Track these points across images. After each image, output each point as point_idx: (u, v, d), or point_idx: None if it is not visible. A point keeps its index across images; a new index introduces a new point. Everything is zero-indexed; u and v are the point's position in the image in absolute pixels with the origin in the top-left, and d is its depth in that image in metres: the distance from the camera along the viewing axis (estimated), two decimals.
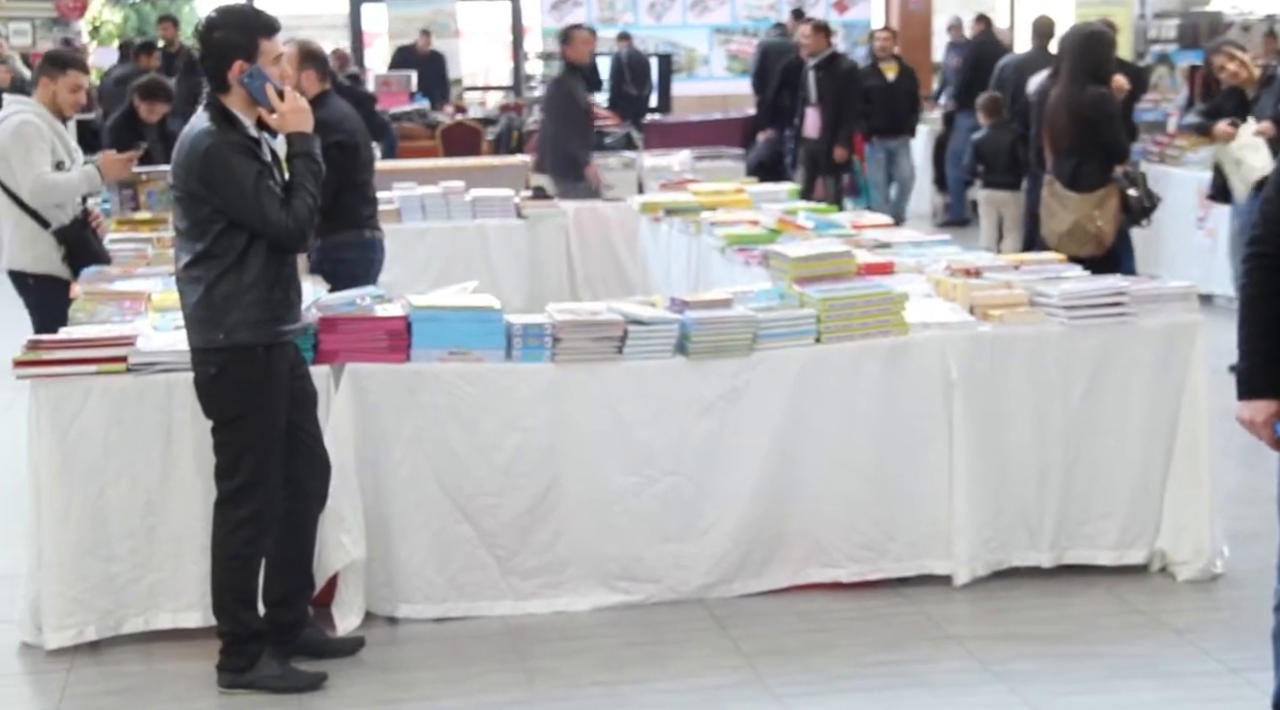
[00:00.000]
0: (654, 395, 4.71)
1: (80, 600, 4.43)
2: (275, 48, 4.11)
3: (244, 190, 3.99)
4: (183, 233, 4.12)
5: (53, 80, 6.02)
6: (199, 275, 4.07)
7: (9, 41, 18.17)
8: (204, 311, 4.07)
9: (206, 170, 4.01)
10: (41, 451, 4.41)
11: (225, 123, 4.06)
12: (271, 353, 4.11)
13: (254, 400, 4.10)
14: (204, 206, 4.03)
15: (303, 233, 4.07)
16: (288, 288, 4.17)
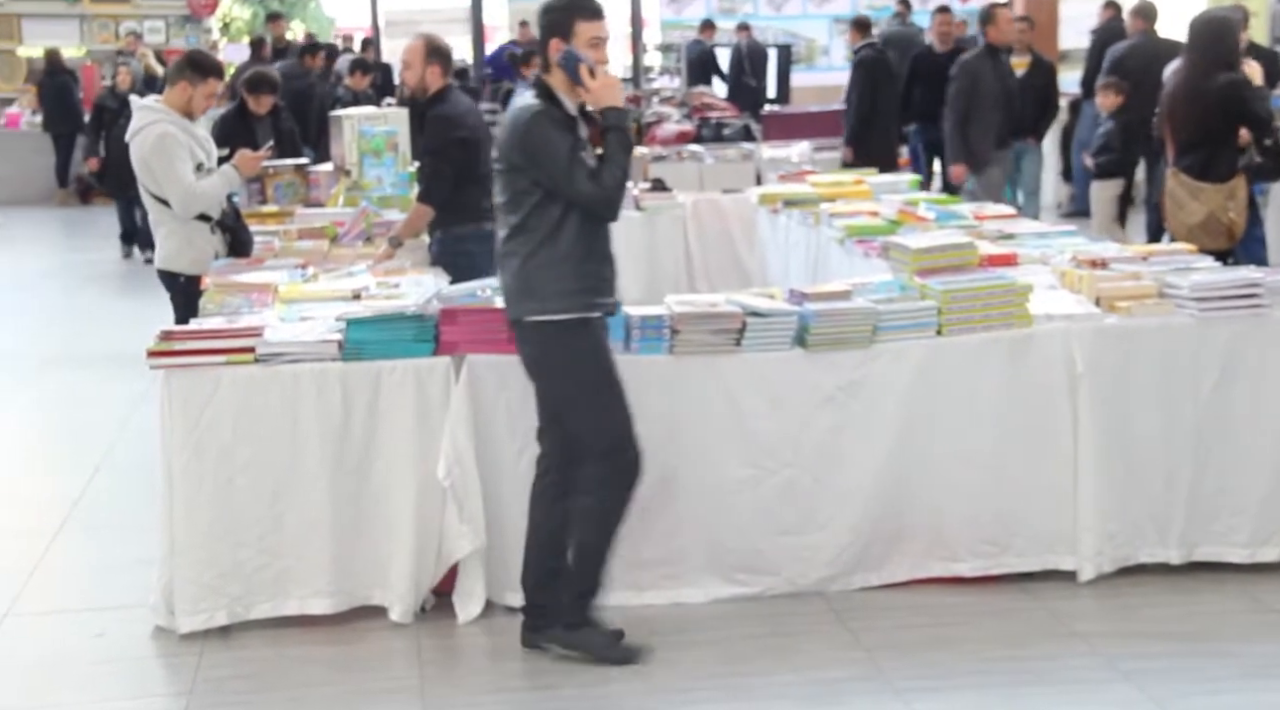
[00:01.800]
0: (772, 387, 4.69)
1: (211, 586, 4.54)
2: (593, 30, 4.25)
3: (558, 160, 4.13)
4: (502, 207, 4.30)
5: (191, 85, 6.11)
6: (515, 249, 4.24)
7: (143, 39, 18.69)
8: (520, 284, 4.23)
9: (525, 142, 4.19)
10: (173, 440, 4.52)
11: (547, 99, 4.24)
12: (588, 325, 4.22)
13: (588, 361, 4.22)
14: (523, 178, 4.21)
15: (611, 201, 4.20)
16: (600, 262, 4.27)
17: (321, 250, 6.32)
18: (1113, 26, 13.64)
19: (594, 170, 4.17)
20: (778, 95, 15.56)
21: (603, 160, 4.20)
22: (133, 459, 6.26)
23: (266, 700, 4.15)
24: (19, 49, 19.24)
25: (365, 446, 4.57)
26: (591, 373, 4.24)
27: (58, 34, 18.96)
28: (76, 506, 5.88)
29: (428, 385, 4.58)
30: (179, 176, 5.94)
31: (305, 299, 5.11)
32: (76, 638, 4.61)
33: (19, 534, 5.61)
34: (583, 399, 4.26)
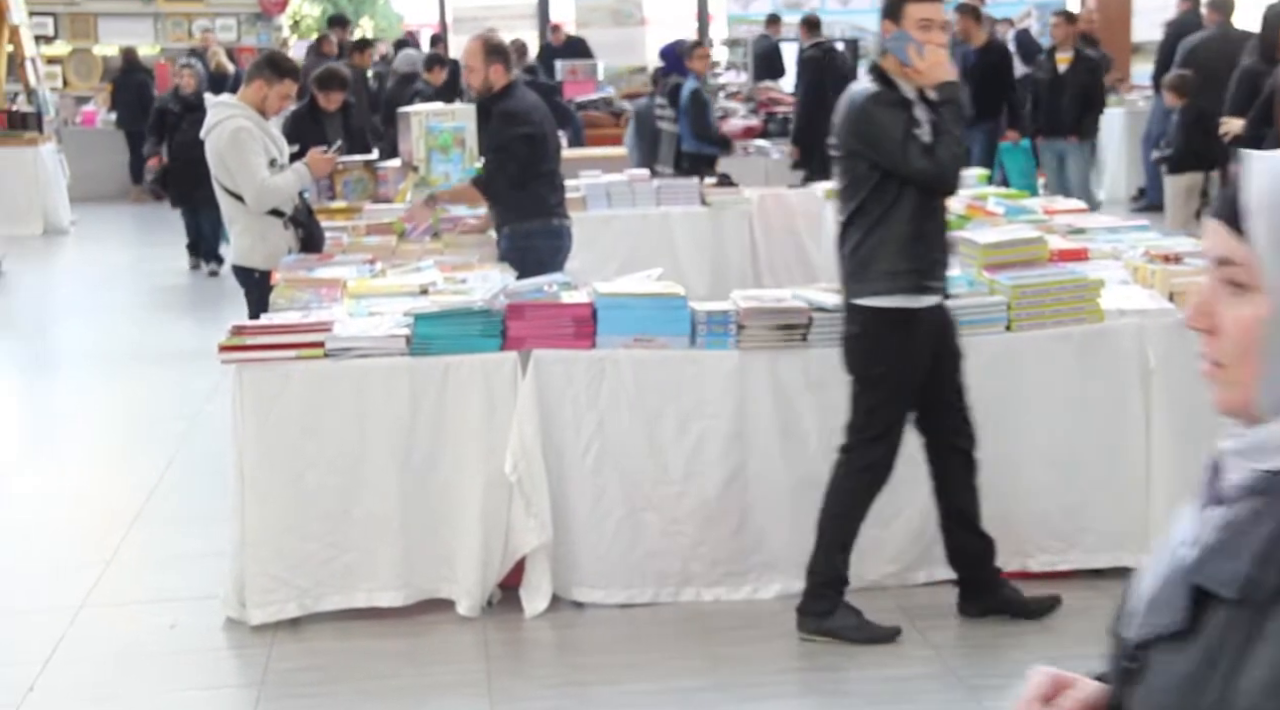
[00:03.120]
0: (838, 383, 4.66)
1: (281, 578, 4.58)
2: (923, 12, 4.31)
3: (892, 139, 4.20)
4: (841, 194, 4.38)
5: (268, 84, 6.19)
6: (852, 234, 4.31)
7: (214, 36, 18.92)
8: (853, 268, 4.30)
9: (861, 125, 4.27)
10: (244, 434, 4.57)
11: (883, 83, 4.31)
12: (915, 314, 4.26)
13: (892, 359, 4.28)
14: (861, 162, 4.28)
15: (946, 175, 4.24)
16: (931, 244, 4.31)
17: (389, 246, 6.37)
18: (1187, 19, 13.45)
19: (928, 146, 4.20)
20: None
21: (937, 135, 4.22)
22: (205, 452, 6.33)
23: (335, 692, 4.19)
24: (95, 48, 19.54)
25: (433, 441, 4.60)
26: (899, 373, 4.29)
27: (133, 33, 19.23)
28: (150, 499, 5.97)
29: (495, 380, 4.60)
30: (253, 171, 6.01)
31: (373, 294, 5.15)
32: (150, 628, 4.68)
33: (95, 526, 5.70)
34: (880, 387, 4.31)
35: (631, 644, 4.44)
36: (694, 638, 4.45)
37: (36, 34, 17.17)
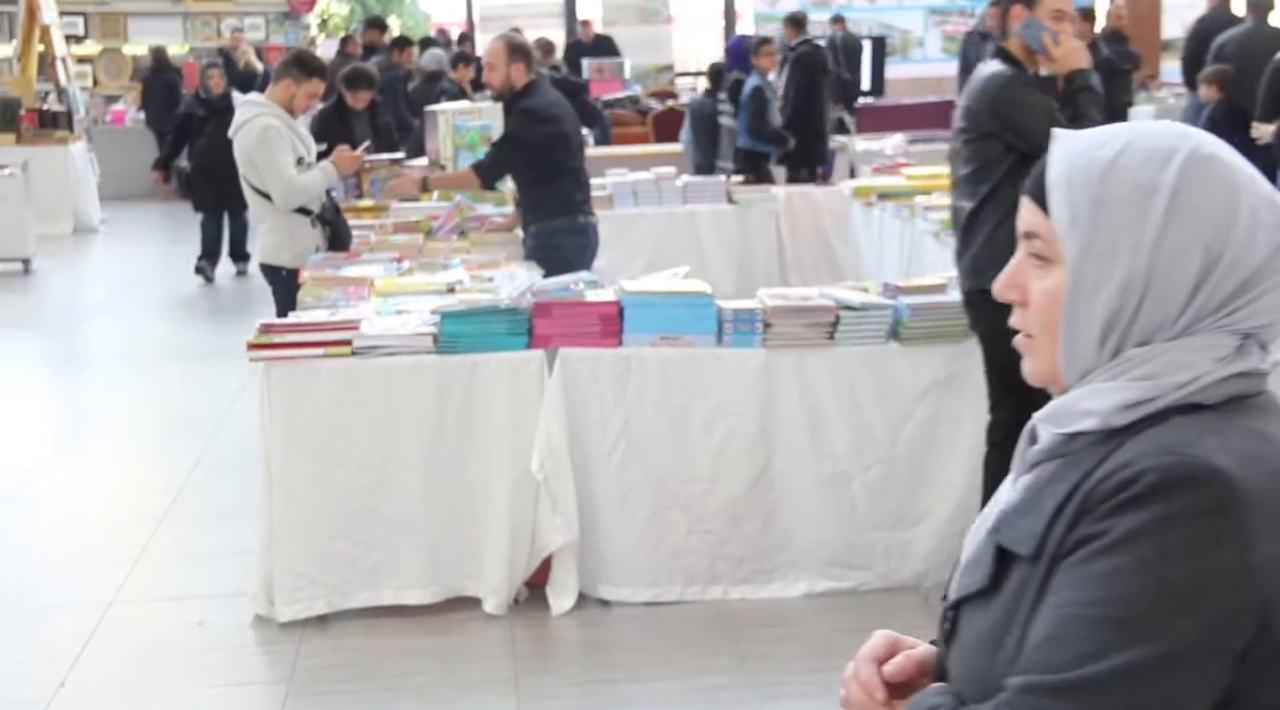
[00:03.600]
0: (866, 381, 4.66)
1: (309, 576, 4.60)
2: (1058, 3, 4.35)
3: (1038, 119, 4.20)
4: (968, 178, 4.39)
5: (295, 83, 6.22)
6: (984, 220, 4.33)
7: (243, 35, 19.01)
8: (986, 253, 4.30)
9: (999, 106, 4.30)
10: (272, 431, 4.59)
11: (1011, 64, 4.35)
12: None
13: None
14: (995, 144, 4.30)
15: None
16: None
17: (416, 244, 6.39)
18: (1216, 15, 13.37)
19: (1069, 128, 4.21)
20: (872, 88, 15.44)
21: (1075, 120, 4.22)
22: (233, 450, 6.36)
23: (363, 689, 4.20)
24: (124, 47, 19.65)
25: (459, 439, 4.61)
26: None
27: (162, 32, 19.33)
28: (179, 497, 6.00)
29: (521, 378, 4.60)
30: (280, 169, 6.04)
31: (400, 292, 5.17)
32: (179, 625, 4.70)
33: (124, 523, 5.74)
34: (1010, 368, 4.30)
35: (658, 642, 4.44)
36: (720, 636, 4.45)
37: (67, 33, 17.28)
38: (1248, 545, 1.26)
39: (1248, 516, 1.27)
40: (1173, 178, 1.35)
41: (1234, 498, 1.27)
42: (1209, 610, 1.25)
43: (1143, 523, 1.27)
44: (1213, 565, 1.25)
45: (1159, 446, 1.30)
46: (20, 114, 14.40)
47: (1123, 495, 1.28)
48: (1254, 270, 1.34)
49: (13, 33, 17.46)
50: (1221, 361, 1.34)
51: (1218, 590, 1.25)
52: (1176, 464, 1.28)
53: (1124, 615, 1.26)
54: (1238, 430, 1.32)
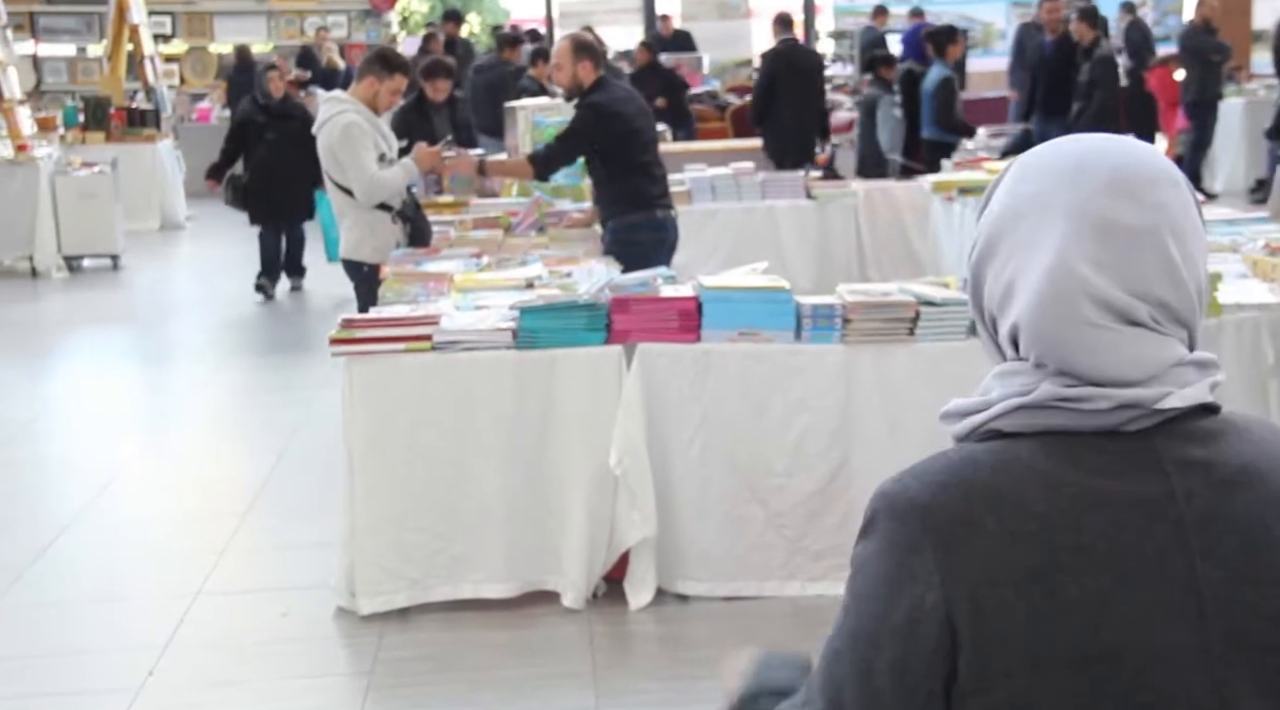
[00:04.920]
0: (946, 377, 4.62)
1: (390, 569, 4.64)
2: None
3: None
4: None
5: (379, 80, 6.29)
6: None
7: (328, 33, 19.25)
8: None
9: None
10: (354, 426, 4.64)
11: None
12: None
13: None
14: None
15: None
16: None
17: (496, 240, 6.43)
18: None
19: None
20: None
21: None
22: (316, 444, 6.44)
23: (444, 682, 4.24)
24: (210, 46, 19.95)
25: (538, 434, 4.63)
26: None
27: (246, 30, 19.62)
28: (263, 490, 6.08)
29: (600, 373, 4.62)
30: (363, 165, 6.10)
31: (480, 288, 5.20)
32: (263, 616, 4.77)
33: (210, 516, 5.83)
34: None
35: (736, 637, 4.44)
36: (799, 632, 4.44)
37: (155, 33, 17.57)
38: (936, 583, 1.24)
39: (942, 553, 1.24)
40: (993, 181, 1.37)
41: (929, 533, 1.25)
42: (897, 650, 1.25)
43: (858, 556, 1.30)
44: (899, 604, 1.25)
45: (900, 473, 1.32)
46: (110, 113, 14.66)
47: (863, 520, 1.32)
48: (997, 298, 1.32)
49: (103, 32, 17.78)
50: (1021, 391, 1.29)
51: (904, 631, 1.25)
52: (889, 493, 1.30)
53: (838, 648, 1.29)
54: (1000, 465, 1.27)
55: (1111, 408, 1.26)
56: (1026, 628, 1.23)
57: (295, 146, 9.73)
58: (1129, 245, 1.26)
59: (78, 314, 10.73)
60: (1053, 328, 1.27)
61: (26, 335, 9.92)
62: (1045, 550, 1.24)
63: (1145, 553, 1.25)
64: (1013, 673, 1.23)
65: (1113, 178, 1.28)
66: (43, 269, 11.91)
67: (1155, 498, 1.26)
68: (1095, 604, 1.23)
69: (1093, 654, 1.23)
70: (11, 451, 6.87)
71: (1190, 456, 1.27)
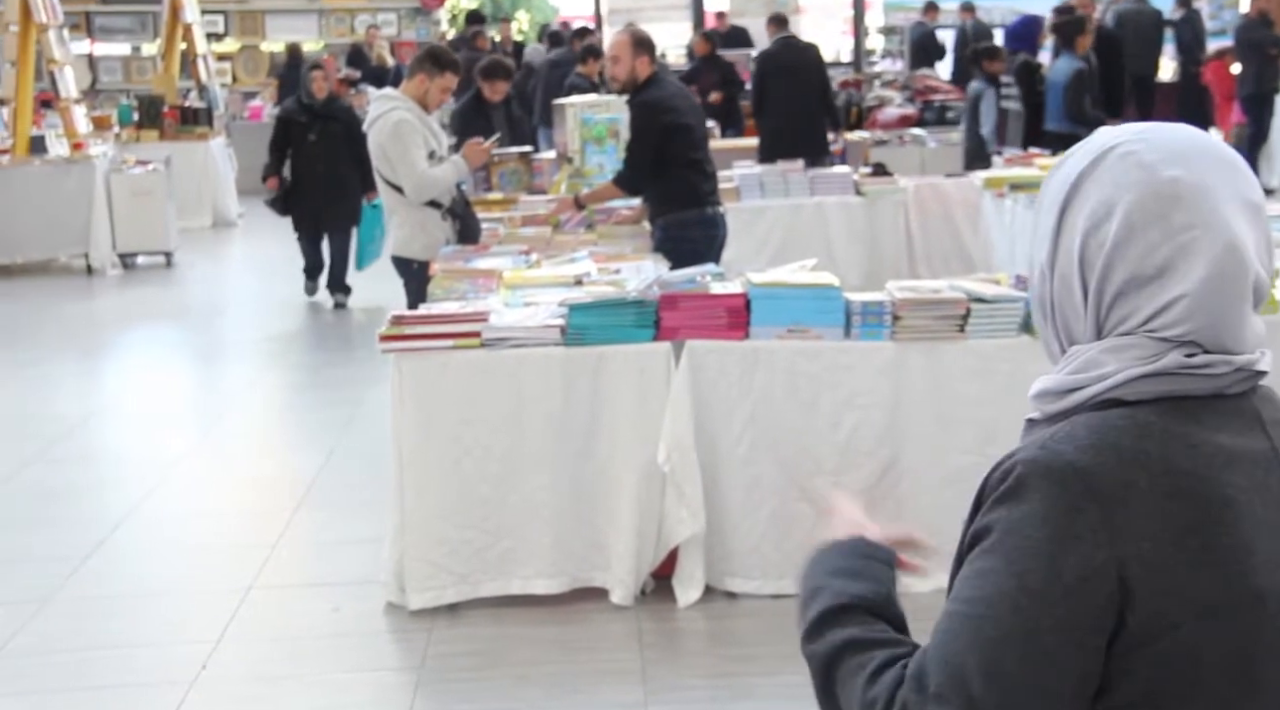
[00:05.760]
0: (997, 374, 4.59)
1: (439, 564, 4.66)
2: None
3: None
4: None
5: (429, 78, 6.32)
6: None
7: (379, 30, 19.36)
8: None
9: None
10: (403, 422, 4.66)
11: None
12: None
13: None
14: None
15: None
16: None
17: (544, 237, 6.44)
18: None
19: None
20: None
21: None
22: (365, 440, 6.48)
23: (493, 677, 4.26)
24: (262, 44, 20.11)
25: (587, 430, 4.64)
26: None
27: (298, 29, 19.75)
28: (313, 485, 6.12)
29: (648, 370, 4.62)
30: (413, 162, 6.13)
31: (528, 285, 5.21)
32: (314, 611, 4.80)
33: (262, 511, 5.87)
34: None
35: (785, 635, 4.40)
36: None
37: (208, 31, 17.72)
38: (1104, 541, 1.30)
39: (1106, 513, 1.31)
40: (1077, 170, 1.40)
41: (1091, 494, 1.31)
42: (1067, 608, 1.30)
43: (1008, 520, 1.33)
44: (1070, 563, 1.30)
45: (1040, 440, 1.37)
46: (164, 111, 14.79)
47: (1000, 489, 1.35)
48: (1133, 277, 1.36)
49: (157, 32, 17.96)
50: (1141, 361, 1.35)
51: (1076, 588, 1.30)
52: (1039, 459, 1.34)
53: (989, 614, 1.32)
54: (1139, 428, 1.34)
55: (1229, 372, 1.36)
56: (1188, 579, 1.30)
57: (339, 148, 9.65)
58: (1263, 225, 1.38)
59: (131, 311, 10.85)
60: (1222, 304, 1.35)
61: (82, 332, 10.03)
62: (1197, 504, 1.32)
63: (1269, 503, 1.35)
64: (1179, 622, 1.30)
65: (1235, 161, 1.39)
66: (98, 266, 12.04)
67: (1266, 453, 1.37)
68: (1243, 552, 1.32)
69: (1245, 600, 1.31)
70: (67, 447, 6.95)
71: (1275, 416, 1.40)
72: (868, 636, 1.45)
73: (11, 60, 12.74)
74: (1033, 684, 1.30)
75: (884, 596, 1.49)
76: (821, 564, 1.57)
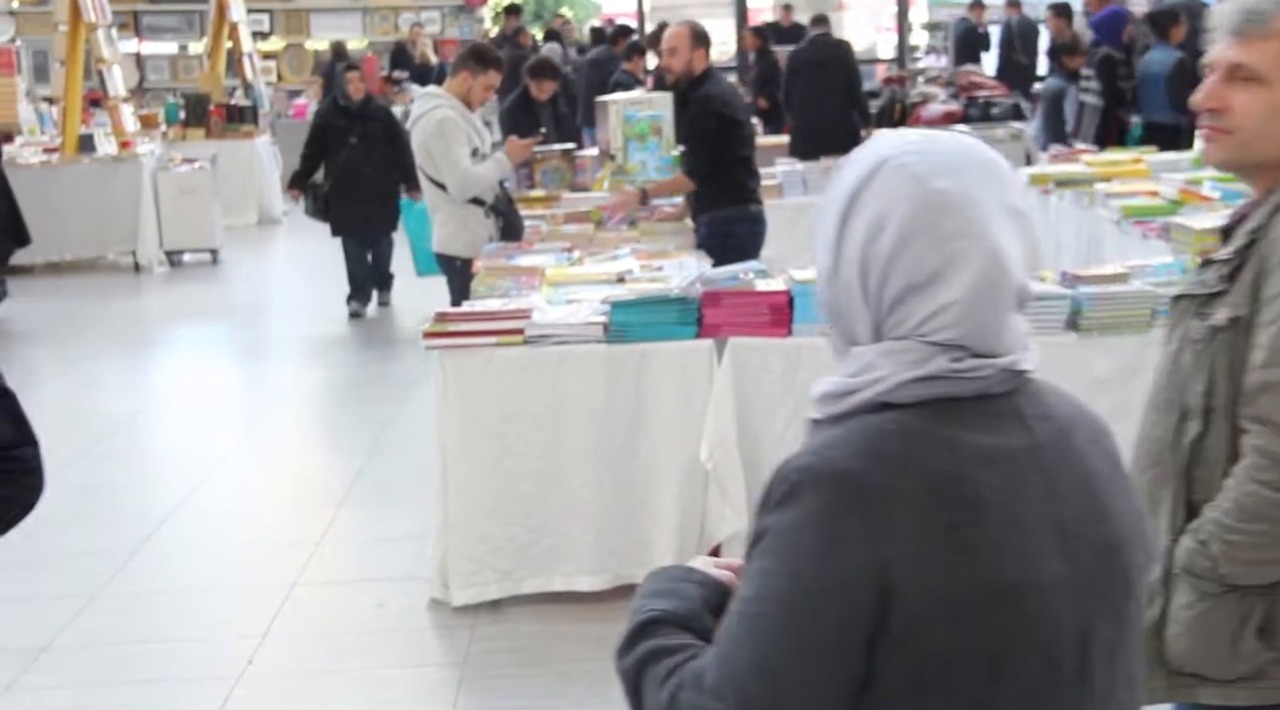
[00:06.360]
0: (1043, 371, 4.51)
1: (483, 561, 4.67)
2: None
3: None
4: None
5: (473, 76, 6.34)
6: None
7: (422, 28, 19.44)
8: None
9: None
10: (447, 419, 4.67)
11: None
12: None
13: None
14: None
15: None
16: None
17: (587, 234, 6.44)
18: None
19: None
20: None
21: None
22: (409, 438, 6.50)
23: (535, 674, 4.26)
24: (306, 42, 20.23)
25: (629, 427, 4.63)
26: None
27: (342, 27, 19.85)
28: (357, 481, 6.15)
29: (691, 367, 4.61)
30: (456, 160, 6.15)
31: (571, 282, 5.21)
32: (358, 607, 4.82)
33: (307, 508, 5.91)
34: None
35: None
36: None
37: (253, 30, 17.84)
38: (869, 542, 1.37)
39: (871, 516, 1.38)
40: (855, 182, 1.47)
41: (858, 498, 1.38)
42: (835, 606, 1.37)
43: (781, 524, 1.40)
44: (836, 564, 1.37)
45: (813, 447, 1.43)
46: (210, 109, 14.90)
47: (775, 493, 1.42)
48: (908, 285, 1.43)
49: (203, 30, 18.10)
50: (911, 365, 1.43)
51: (842, 588, 1.37)
52: (811, 465, 1.41)
53: (765, 612, 1.39)
54: (904, 433, 1.41)
55: (992, 374, 1.45)
56: (945, 576, 1.38)
57: (379, 150, 9.45)
58: (1026, 230, 1.48)
59: (178, 308, 10.93)
60: (986, 310, 1.44)
61: (129, 328, 10.12)
62: (953, 505, 1.39)
63: (1025, 499, 1.42)
64: (937, 619, 1.37)
65: (1001, 169, 1.48)
66: (145, 263, 12.14)
67: (1027, 449, 1.44)
68: (996, 549, 1.39)
69: (998, 595, 1.39)
70: (115, 444, 7.01)
71: (1039, 411, 1.48)
72: (668, 645, 1.49)
73: (61, 59, 12.87)
74: (802, 678, 1.37)
75: (693, 612, 1.52)
76: (641, 590, 1.62)
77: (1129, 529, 1.50)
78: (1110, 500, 1.49)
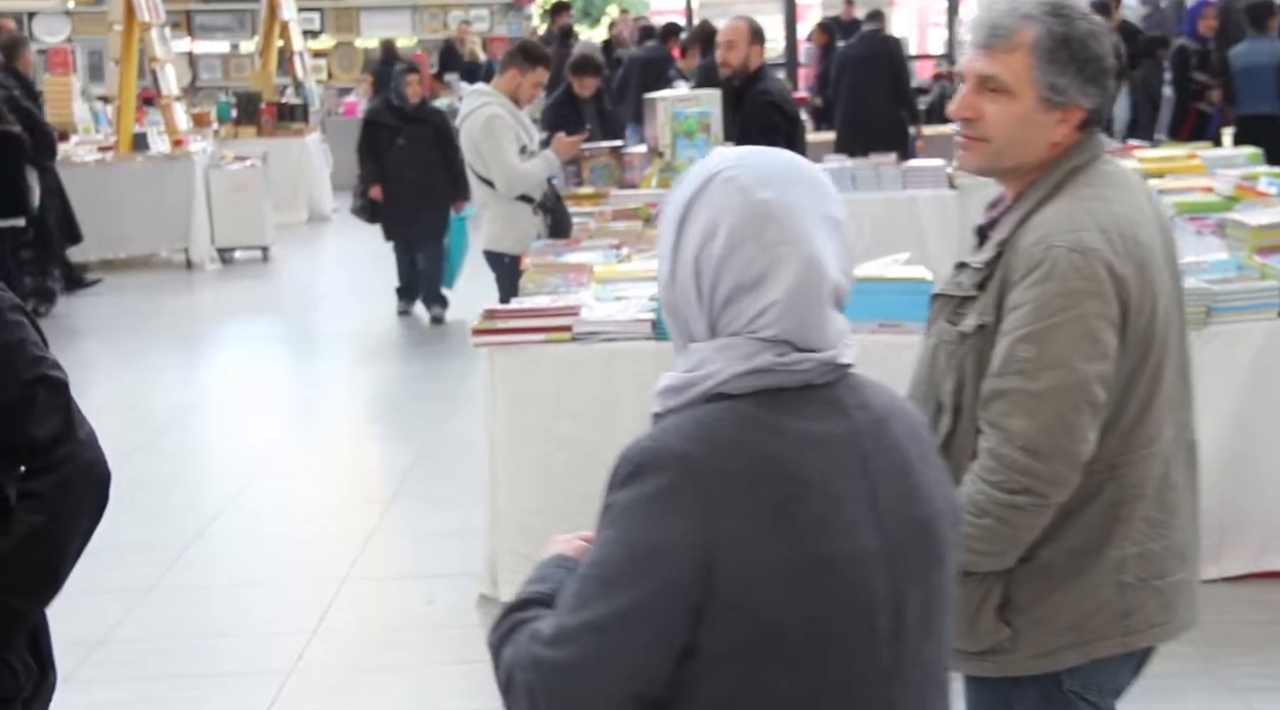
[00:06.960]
0: None
1: (531, 558, 4.62)
2: None
3: None
4: None
5: (521, 73, 6.36)
6: None
7: (471, 26, 19.50)
8: None
9: None
10: (495, 415, 4.68)
11: None
12: None
13: None
14: None
15: None
16: None
17: (635, 231, 6.43)
18: None
19: None
20: None
21: None
22: (458, 433, 6.52)
23: None
24: (356, 41, 20.34)
25: None
26: None
27: (392, 25, 19.94)
28: (406, 478, 6.18)
29: None
30: (504, 157, 6.17)
31: (619, 279, 5.21)
32: (408, 603, 4.84)
33: (357, 503, 5.94)
34: None
35: None
36: None
37: (304, 29, 17.95)
38: (698, 516, 1.52)
39: (701, 493, 1.53)
40: (689, 193, 1.63)
41: (690, 477, 1.54)
42: (663, 573, 1.52)
43: (623, 500, 1.56)
44: (667, 535, 1.53)
45: (654, 433, 1.59)
46: (261, 108, 15.00)
47: (620, 473, 1.58)
48: (737, 286, 1.58)
49: (255, 29, 18.23)
50: (741, 360, 1.58)
51: (671, 556, 1.52)
52: (649, 448, 1.57)
53: (601, 574, 1.55)
54: (736, 419, 1.57)
55: (814, 366, 1.60)
56: (769, 548, 1.53)
57: (429, 152, 9.25)
58: (842, 237, 1.64)
59: (229, 304, 11.02)
60: (806, 309, 1.59)
61: (181, 324, 10.22)
62: (779, 484, 1.55)
63: (844, 478, 1.58)
64: (766, 587, 1.53)
65: (821, 181, 1.64)
66: (197, 260, 12.25)
67: (845, 434, 1.60)
68: (817, 524, 1.55)
69: (816, 564, 1.55)
70: (168, 439, 7.08)
71: (858, 401, 1.64)
72: (525, 616, 1.63)
73: (115, 59, 13.00)
74: (629, 634, 1.52)
75: (556, 591, 1.64)
76: (525, 580, 1.75)
77: (939, 507, 1.65)
78: (921, 481, 1.64)
